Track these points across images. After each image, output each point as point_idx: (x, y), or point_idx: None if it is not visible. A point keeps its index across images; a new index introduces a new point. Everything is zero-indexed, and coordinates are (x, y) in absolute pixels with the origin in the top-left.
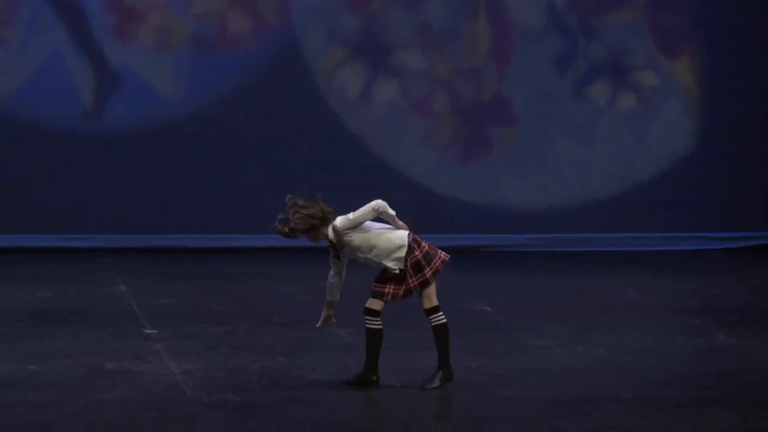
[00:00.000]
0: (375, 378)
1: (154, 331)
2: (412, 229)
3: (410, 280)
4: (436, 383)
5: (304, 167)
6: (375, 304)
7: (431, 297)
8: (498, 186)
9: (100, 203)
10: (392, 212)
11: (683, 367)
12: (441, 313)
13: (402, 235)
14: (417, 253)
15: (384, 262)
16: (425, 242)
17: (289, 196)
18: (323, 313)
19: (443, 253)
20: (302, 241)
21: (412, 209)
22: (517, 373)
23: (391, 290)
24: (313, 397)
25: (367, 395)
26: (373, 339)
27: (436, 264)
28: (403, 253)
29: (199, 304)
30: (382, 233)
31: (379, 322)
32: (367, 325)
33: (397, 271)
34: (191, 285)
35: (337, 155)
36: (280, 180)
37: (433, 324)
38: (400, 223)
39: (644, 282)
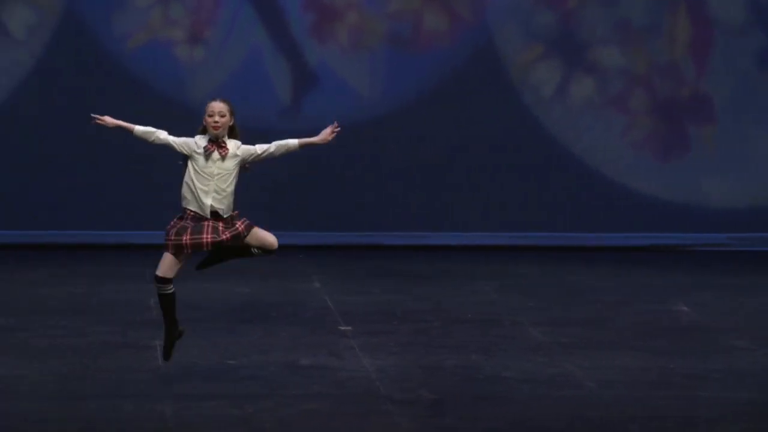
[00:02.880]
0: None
1: (349, 327)
2: None
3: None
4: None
5: (497, 165)
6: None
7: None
8: (697, 184)
9: (297, 201)
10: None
11: None
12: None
13: None
14: None
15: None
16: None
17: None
18: (112, 121)
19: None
20: (496, 239)
21: (608, 207)
22: (716, 374)
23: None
24: (507, 394)
25: (561, 395)
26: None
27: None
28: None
29: (393, 301)
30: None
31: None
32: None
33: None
34: (385, 282)
35: (532, 153)
36: (474, 178)
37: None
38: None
39: None
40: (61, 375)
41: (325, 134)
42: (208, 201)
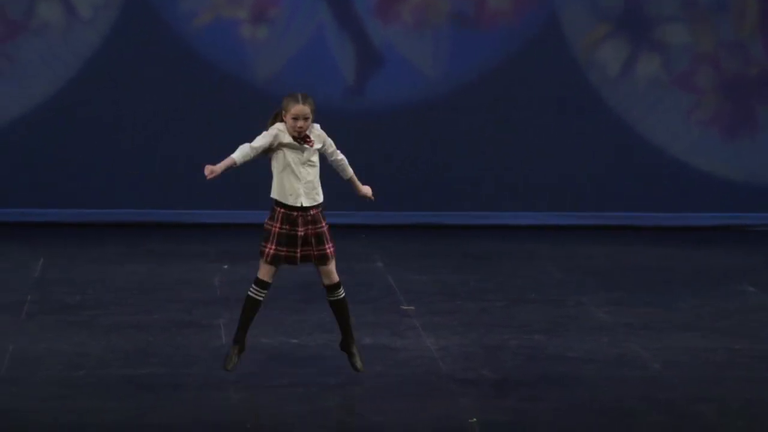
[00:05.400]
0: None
1: (411, 307)
2: None
3: (326, 246)
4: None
5: (562, 143)
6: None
7: (333, 272)
8: (763, 163)
9: (359, 180)
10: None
11: None
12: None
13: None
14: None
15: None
16: None
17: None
18: (219, 168)
19: None
20: (560, 219)
21: (673, 187)
22: None
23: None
24: (570, 375)
25: (626, 375)
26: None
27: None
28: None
29: (456, 280)
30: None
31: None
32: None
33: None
34: (447, 262)
35: (597, 131)
36: (538, 156)
37: (332, 299)
38: None
39: None
40: (125, 352)
41: (366, 191)
42: (299, 192)
